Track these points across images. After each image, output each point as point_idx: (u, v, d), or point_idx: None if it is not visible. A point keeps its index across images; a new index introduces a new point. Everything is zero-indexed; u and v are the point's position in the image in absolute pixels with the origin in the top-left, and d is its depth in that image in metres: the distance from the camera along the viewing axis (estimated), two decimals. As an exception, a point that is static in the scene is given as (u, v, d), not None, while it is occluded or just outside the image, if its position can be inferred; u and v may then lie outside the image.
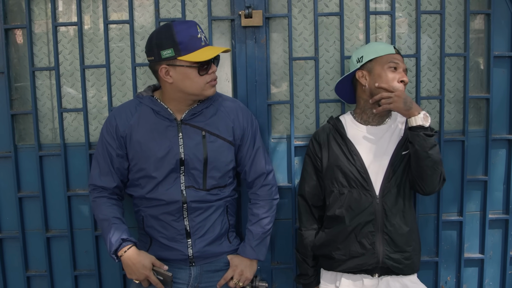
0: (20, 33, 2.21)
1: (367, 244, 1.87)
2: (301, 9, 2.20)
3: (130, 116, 1.90)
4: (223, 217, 1.98)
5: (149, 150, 1.86)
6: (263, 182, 2.00)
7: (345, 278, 1.94)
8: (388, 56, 1.90)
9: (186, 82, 1.79)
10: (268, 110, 2.20)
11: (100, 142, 1.94)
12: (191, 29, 1.76)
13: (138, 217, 1.99)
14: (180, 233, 1.91)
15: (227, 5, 2.18)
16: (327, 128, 2.01)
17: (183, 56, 1.74)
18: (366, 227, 1.88)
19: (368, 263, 1.87)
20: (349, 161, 1.91)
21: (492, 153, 2.25)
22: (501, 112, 2.25)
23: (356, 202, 1.89)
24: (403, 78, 1.88)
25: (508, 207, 2.28)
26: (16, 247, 2.27)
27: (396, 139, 1.92)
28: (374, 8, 2.22)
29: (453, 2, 2.22)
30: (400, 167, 1.89)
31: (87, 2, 2.19)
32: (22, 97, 2.24)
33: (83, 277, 2.30)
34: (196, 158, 1.87)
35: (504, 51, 2.22)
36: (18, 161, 2.22)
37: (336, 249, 1.92)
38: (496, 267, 2.32)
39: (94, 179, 1.95)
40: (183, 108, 1.88)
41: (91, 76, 2.22)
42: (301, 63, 2.22)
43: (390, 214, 1.87)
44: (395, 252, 1.87)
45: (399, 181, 1.89)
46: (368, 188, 1.89)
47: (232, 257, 2.01)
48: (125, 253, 1.83)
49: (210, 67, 1.80)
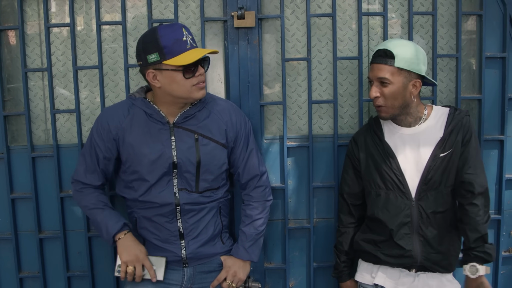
0: (13, 34, 2.20)
1: (405, 246, 1.88)
2: (293, 10, 2.21)
3: (123, 119, 1.88)
4: (216, 218, 1.98)
5: (142, 153, 1.85)
6: (257, 183, 2.01)
7: (381, 271, 1.96)
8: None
9: (173, 86, 1.78)
10: (260, 111, 2.20)
11: (89, 140, 1.94)
12: (175, 32, 1.74)
13: (131, 218, 1.99)
14: (174, 235, 1.92)
15: (219, 6, 2.18)
16: (365, 128, 2.02)
17: (168, 60, 1.72)
18: (402, 229, 1.89)
19: (406, 263, 1.90)
20: (386, 163, 1.90)
21: (484, 154, 2.25)
22: (493, 113, 2.25)
23: (392, 204, 1.89)
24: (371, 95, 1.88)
25: (500, 208, 2.29)
26: (9, 248, 2.27)
27: (434, 140, 1.89)
28: (366, 9, 2.22)
29: (445, 3, 2.23)
30: (438, 169, 1.86)
31: (80, 3, 2.19)
32: (14, 98, 2.24)
33: (76, 278, 2.29)
34: (189, 162, 1.87)
35: (496, 52, 2.22)
36: (10, 162, 2.22)
37: (376, 247, 1.94)
38: (489, 267, 2.32)
39: (79, 175, 1.96)
40: (175, 110, 1.87)
41: (84, 77, 2.22)
42: (293, 64, 2.23)
43: (426, 217, 1.88)
44: (432, 253, 1.88)
45: (437, 184, 1.87)
46: (404, 190, 1.88)
47: (225, 258, 2.01)
48: (124, 235, 1.89)
49: (196, 69, 1.78)
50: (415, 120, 1.92)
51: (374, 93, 1.85)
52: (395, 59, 1.80)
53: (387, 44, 1.84)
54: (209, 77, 2.21)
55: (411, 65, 1.82)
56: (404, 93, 1.84)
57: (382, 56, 1.83)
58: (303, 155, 2.24)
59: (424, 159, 1.88)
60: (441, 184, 1.88)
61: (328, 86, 2.24)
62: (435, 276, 1.93)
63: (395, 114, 1.88)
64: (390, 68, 1.81)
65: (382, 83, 1.83)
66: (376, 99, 1.86)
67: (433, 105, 2.01)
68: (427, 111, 1.94)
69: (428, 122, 1.92)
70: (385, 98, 1.84)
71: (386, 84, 1.82)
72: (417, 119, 1.92)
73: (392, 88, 1.82)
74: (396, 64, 1.80)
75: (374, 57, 1.86)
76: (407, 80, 1.83)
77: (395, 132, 1.94)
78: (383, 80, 1.82)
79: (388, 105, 1.85)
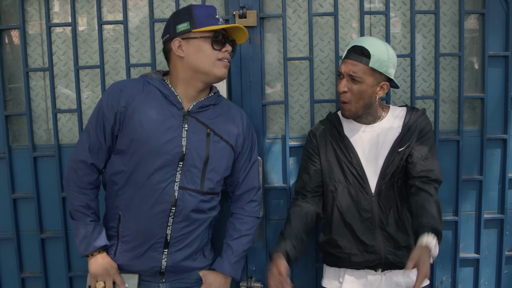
0: (15, 34, 2.20)
1: (368, 242, 1.87)
2: (295, 9, 2.20)
3: (136, 94, 1.75)
4: (205, 231, 1.86)
5: (149, 135, 1.71)
6: (252, 197, 1.94)
7: (348, 274, 1.94)
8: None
9: (198, 56, 1.73)
10: (262, 111, 2.19)
11: (96, 114, 1.76)
12: (209, 9, 1.76)
13: (113, 215, 1.80)
14: (159, 241, 1.75)
15: (221, 5, 2.18)
16: (325, 122, 2.01)
17: (198, 29, 1.72)
18: (364, 224, 1.88)
19: (370, 260, 1.88)
20: (346, 157, 1.91)
21: (487, 153, 2.25)
22: (496, 111, 2.24)
23: (353, 200, 1.89)
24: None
25: (503, 207, 2.28)
26: (11, 248, 2.26)
27: (392, 136, 1.91)
28: (368, 8, 2.21)
29: (447, 2, 2.22)
30: (396, 164, 1.88)
31: (81, 2, 2.18)
32: (16, 98, 2.24)
33: (77, 278, 2.29)
34: (198, 155, 1.76)
35: (499, 50, 2.21)
36: (12, 162, 2.22)
37: (337, 247, 1.92)
38: (492, 267, 2.32)
39: (82, 155, 1.76)
40: (192, 93, 1.78)
41: (85, 77, 2.22)
42: (295, 63, 2.22)
43: (386, 211, 1.88)
44: (396, 247, 1.88)
45: (395, 178, 1.88)
46: (364, 185, 1.89)
47: (205, 274, 1.87)
48: (99, 253, 1.77)
49: (224, 45, 1.76)
50: (374, 119, 1.94)
51: (343, 88, 1.85)
52: (370, 59, 1.81)
53: (364, 42, 1.84)
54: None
55: (384, 67, 1.83)
56: (371, 93, 1.85)
57: (358, 53, 1.82)
58: (305, 155, 2.23)
59: (383, 154, 1.89)
60: (399, 179, 1.88)
61: (330, 85, 2.23)
62: (402, 272, 1.91)
63: (358, 114, 1.89)
64: (363, 67, 1.82)
65: (353, 80, 1.83)
66: (343, 94, 1.86)
67: (390, 105, 2.03)
68: (385, 111, 1.96)
69: (386, 120, 1.94)
70: (352, 95, 1.84)
71: (356, 81, 1.83)
72: (376, 118, 1.94)
73: (362, 87, 1.83)
74: (371, 64, 1.81)
75: (349, 52, 1.85)
76: (377, 81, 1.85)
77: (354, 128, 1.95)
78: (354, 77, 1.82)
79: (353, 102, 1.85)
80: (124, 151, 1.74)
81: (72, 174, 1.77)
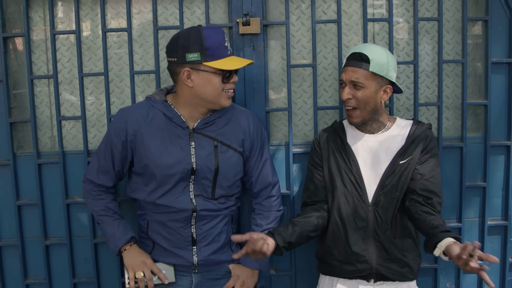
0: (20, 41, 2.21)
1: (360, 251, 1.87)
2: (299, 16, 2.21)
3: (142, 122, 1.86)
4: (228, 226, 1.99)
5: (160, 158, 1.83)
6: (269, 193, 2.01)
7: (340, 283, 1.94)
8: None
9: (207, 88, 1.78)
10: (266, 117, 2.20)
11: (105, 139, 1.91)
12: (219, 36, 1.77)
13: (142, 221, 1.98)
14: (186, 240, 1.91)
15: (225, 13, 2.18)
16: (328, 130, 2.02)
17: (209, 62, 1.74)
18: (357, 233, 1.88)
19: (361, 269, 1.87)
20: (347, 165, 1.91)
21: (491, 160, 2.25)
22: (499, 118, 2.24)
23: (350, 207, 1.89)
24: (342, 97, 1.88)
25: (507, 214, 2.27)
26: (15, 255, 2.27)
27: (395, 148, 1.90)
28: (372, 14, 2.22)
29: (451, 9, 2.22)
30: (396, 176, 1.87)
31: (86, 10, 2.19)
32: (20, 105, 2.25)
33: (82, 284, 2.29)
34: (208, 168, 1.86)
35: (502, 57, 2.22)
36: (16, 169, 2.22)
37: (331, 254, 1.92)
38: (495, 273, 2.31)
39: (91, 175, 1.95)
40: (196, 115, 1.87)
41: (90, 84, 2.22)
42: (299, 70, 2.23)
43: (382, 222, 1.87)
44: (388, 259, 1.87)
45: (394, 190, 1.87)
46: (362, 194, 1.89)
47: (234, 267, 2.01)
48: (130, 246, 1.92)
49: (232, 76, 1.80)
50: (378, 128, 1.94)
51: (346, 95, 1.85)
52: (370, 63, 1.81)
53: (362, 48, 1.85)
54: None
55: (384, 70, 1.84)
56: (375, 97, 1.86)
57: (357, 59, 1.83)
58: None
59: (383, 165, 1.89)
60: (397, 191, 1.87)
61: (333, 92, 2.24)
62: (396, 285, 1.90)
63: (366, 120, 1.89)
64: (364, 72, 1.82)
65: (355, 86, 1.84)
66: (348, 100, 1.86)
67: (396, 117, 2.02)
68: (391, 121, 1.97)
69: (391, 131, 1.94)
70: (357, 101, 1.85)
71: (359, 87, 1.83)
72: (380, 127, 1.94)
73: (365, 92, 1.83)
74: (371, 69, 1.82)
75: (348, 60, 1.87)
76: (379, 86, 1.85)
77: (358, 137, 1.95)
78: (357, 83, 1.83)
79: (360, 107, 1.86)
80: (142, 173, 1.89)
81: (85, 187, 1.98)
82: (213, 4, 2.17)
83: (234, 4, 2.13)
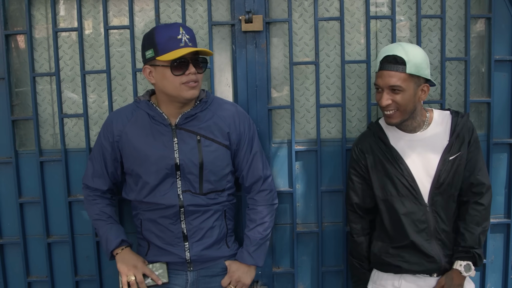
0: (22, 39, 2.21)
1: (428, 252, 1.88)
2: (301, 13, 2.20)
3: (126, 121, 1.91)
4: (221, 221, 1.98)
5: (144, 156, 1.87)
6: (261, 187, 2.00)
7: (405, 280, 1.94)
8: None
9: (164, 82, 1.80)
10: (268, 115, 2.19)
11: (97, 144, 1.97)
12: (171, 31, 1.78)
13: (136, 220, 2.00)
14: (177, 236, 1.92)
15: (227, 10, 2.18)
16: (368, 134, 1.99)
17: (160, 56, 1.76)
18: (421, 235, 1.88)
19: (430, 268, 1.90)
20: (396, 169, 1.89)
21: (494, 158, 2.24)
22: (502, 116, 2.24)
23: (408, 211, 1.88)
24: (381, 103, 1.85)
25: (510, 212, 2.27)
26: (17, 252, 2.27)
27: (441, 144, 1.88)
28: (374, 12, 2.21)
29: (453, 6, 2.21)
30: (449, 172, 1.86)
31: (88, 7, 2.19)
32: (22, 103, 2.24)
33: (84, 282, 2.29)
34: (192, 163, 1.87)
35: (505, 55, 2.21)
36: (19, 166, 2.22)
37: (398, 257, 1.92)
38: (498, 271, 2.31)
39: (87, 179, 2.01)
40: (175, 111, 1.88)
41: (92, 82, 2.22)
42: (301, 68, 2.22)
43: (441, 221, 1.88)
44: (450, 255, 1.90)
45: (448, 187, 1.87)
46: (417, 196, 1.88)
47: (229, 263, 2.01)
48: (122, 250, 1.93)
49: (187, 68, 1.78)
50: (419, 125, 1.91)
51: (386, 101, 1.81)
52: (406, 65, 1.78)
53: (396, 50, 1.81)
54: (217, 81, 2.21)
55: (421, 70, 1.81)
56: (414, 98, 1.83)
57: (392, 62, 1.79)
58: (311, 159, 2.24)
59: (433, 164, 1.87)
60: (452, 187, 1.87)
61: (336, 90, 2.24)
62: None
63: (405, 119, 1.86)
64: (401, 75, 1.79)
65: (394, 91, 1.80)
66: (387, 106, 1.83)
67: (432, 108, 2.00)
68: (429, 114, 1.94)
69: (433, 127, 1.91)
70: (397, 105, 1.82)
71: (398, 91, 1.80)
72: (420, 124, 1.91)
73: (404, 95, 1.80)
74: (408, 71, 1.78)
75: (383, 63, 1.82)
76: (417, 86, 1.82)
77: (400, 137, 1.92)
78: (395, 88, 1.79)
79: (400, 110, 1.83)
80: (130, 173, 1.92)
81: (83, 193, 2.03)
82: (215, 2, 2.17)
83: (237, 1, 2.13)
